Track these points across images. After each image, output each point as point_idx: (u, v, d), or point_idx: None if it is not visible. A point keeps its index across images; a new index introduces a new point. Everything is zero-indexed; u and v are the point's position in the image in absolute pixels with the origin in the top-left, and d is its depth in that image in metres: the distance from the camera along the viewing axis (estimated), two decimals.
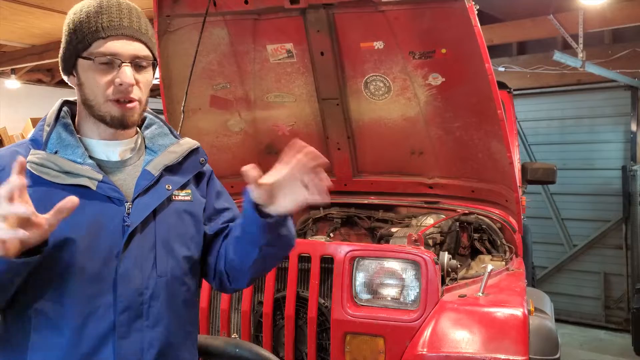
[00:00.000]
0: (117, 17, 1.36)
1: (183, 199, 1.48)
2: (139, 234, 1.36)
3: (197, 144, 1.55)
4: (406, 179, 3.48)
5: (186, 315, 1.46)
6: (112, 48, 1.34)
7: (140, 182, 1.41)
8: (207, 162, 1.59)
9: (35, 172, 1.32)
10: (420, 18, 2.75)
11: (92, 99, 1.37)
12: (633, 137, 6.84)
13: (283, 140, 3.57)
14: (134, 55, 1.37)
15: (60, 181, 1.33)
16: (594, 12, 5.43)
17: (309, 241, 2.95)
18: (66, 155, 1.36)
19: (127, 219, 1.35)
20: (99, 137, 1.43)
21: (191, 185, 1.53)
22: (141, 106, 1.42)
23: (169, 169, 1.46)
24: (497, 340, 2.15)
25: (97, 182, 1.35)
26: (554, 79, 6.84)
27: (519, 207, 2.97)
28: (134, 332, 1.33)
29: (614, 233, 7.07)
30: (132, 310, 1.33)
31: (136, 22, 1.39)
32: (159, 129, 1.55)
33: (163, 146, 1.50)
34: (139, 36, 1.39)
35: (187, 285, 1.47)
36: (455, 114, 3.02)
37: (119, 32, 1.35)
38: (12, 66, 7.71)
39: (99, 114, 1.38)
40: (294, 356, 2.51)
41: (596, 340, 6.66)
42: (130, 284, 1.33)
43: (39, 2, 5.14)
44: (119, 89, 1.34)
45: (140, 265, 1.36)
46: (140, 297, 1.34)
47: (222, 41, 3.17)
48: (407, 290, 2.43)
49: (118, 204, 1.36)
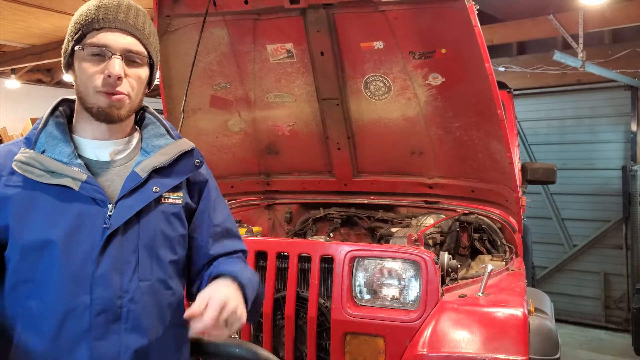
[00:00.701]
0: (114, 12, 1.38)
1: (174, 201, 1.46)
2: (119, 237, 1.35)
3: (191, 146, 1.53)
4: (406, 179, 3.48)
5: (172, 319, 1.44)
6: (103, 39, 1.36)
7: (126, 184, 1.39)
8: (205, 164, 1.57)
9: (20, 171, 1.33)
10: (420, 18, 2.75)
11: (82, 89, 1.38)
12: (633, 137, 6.84)
13: (283, 140, 3.57)
14: (126, 49, 1.37)
15: (44, 180, 1.33)
16: (594, 12, 5.43)
17: (309, 241, 2.95)
18: (53, 154, 1.36)
19: (107, 221, 1.34)
20: (92, 137, 1.43)
21: (184, 188, 1.51)
22: (131, 102, 1.41)
23: (159, 171, 1.44)
24: (497, 340, 2.15)
25: (80, 182, 1.34)
26: (554, 79, 6.84)
27: (519, 207, 2.97)
28: (111, 334, 1.32)
29: (614, 233, 7.08)
30: (108, 313, 1.31)
31: (133, 18, 1.40)
32: (155, 130, 1.53)
33: (157, 147, 1.48)
34: (134, 31, 1.39)
35: (173, 290, 1.45)
36: (455, 114, 3.02)
37: (112, 24, 1.37)
38: (12, 66, 7.72)
39: (87, 105, 1.39)
40: (294, 356, 2.51)
41: (596, 340, 6.66)
42: (108, 286, 1.32)
43: (39, 2, 5.14)
44: (107, 81, 1.35)
45: (120, 268, 1.34)
46: (119, 300, 1.33)
47: (222, 41, 3.17)
48: (407, 291, 2.43)
49: (101, 205, 1.35)
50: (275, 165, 3.71)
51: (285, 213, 3.97)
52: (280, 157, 3.66)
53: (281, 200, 3.92)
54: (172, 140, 1.52)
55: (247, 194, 3.85)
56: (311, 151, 3.54)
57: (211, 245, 1.55)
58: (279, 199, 3.91)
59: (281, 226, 4.00)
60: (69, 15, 5.47)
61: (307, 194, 3.78)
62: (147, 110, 1.57)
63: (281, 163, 3.69)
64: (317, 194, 3.74)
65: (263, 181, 3.80)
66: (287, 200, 3.91)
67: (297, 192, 3.81)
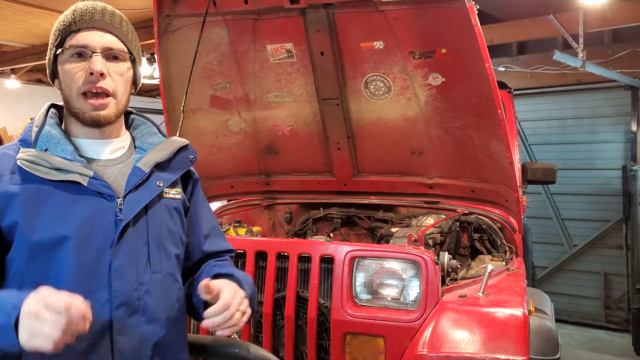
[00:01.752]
0: (89, 13, 1.41)
1: (173, 196, 1.50)
2: (131, 229, 1.37)
3: (185, 142, 1.57)
4: (406, 179, 3.47)
5: (178, 313, 1.47)
6: (82, 39, 1.39)
7: (131, 179, 1.41)
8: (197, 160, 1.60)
9: (27, 168, 1.33)
10: (420, 18, 2.74)
11: (67, 93, 1.40)
12: (633, 137, 6.84)
13: (283, 140, 3.57)
14: (105, 46, 1.40)
15: (51, 177, 1.33)
16: (594, 12, 5.43)
17: (309, 241, 2.95)
18: (56, 152, 1.37)
19: (119, 214, 1.35)
20: (87, 137, 1.45)
21: (179, 184, 1.55)
22: (116, 101, 1.42)
23: (160, 166, 1.47)
24: (497, 341, 2.15)
25: (88, 178, 1.35)
26: (554, 79, 6.84)
27: (519, 207, 2.97)
28: (131, 327, 1.33)
29: (614, 233, 7.08)
30: (128, 306, 1.33)
31: (109, 18, 1.43)
32: (148, 128, 1.57)
33: (152, 144, 1.52)
34: (111, 29, 1.42)
35: (179, 283, 1.49)
36: (455, 114, 3.02)
37: (89, 24, 1.40)
38: (12, 66, 7.71)
39: (74, 110, 1.41)
40: (294, 356, 2.51)
41: (596, 340, 6.66)
42: (125, 279, 1.33)
43: (39, 2, 5.14)
44: (89, 79, 1.36)
45: (134, 260, 1.36)
46: (136, 293, 1.35)
47: (222, 41, 3.17)
48: (407, 291, 2.43)
49: (109, 199, 1.36)
50: (275, 165, 3.71)
51: (285, 213, 3.97)
52: (280, 157, 3.65)
53: (281, 200, 3.91)
54: (164, 138, 1.55)
55: (247, 194, 3.85)
56: (311, 151, 3.54)
57: (204, 242, 1.60)
58: (279, 199, 3.91)
59: (281, 226, 4.00)
60: None
61: (307, 194, 3.78)
62: (135, 114, 1.61)
63: (281, 163, 3.69)
64: (317, 194, 3.73)
65: (263, 181, 3.80)
66: (287, 200, 3.91)
67: (297, 192, 3.80)
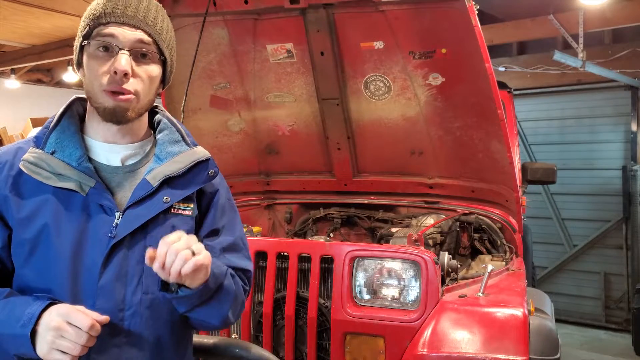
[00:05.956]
0: (123, 6, 1.31)
1: (184, 212, 1.38)
2: (125, 247, 1.29)
3: (207, 155, 1.44)
4: (406, 179, 3.48)
5: (174, 335, 1.38)
6: (110, 34, 1.29)
7: (136, 192, 1.33)
8: (219, 174, 1.47)
9: (27, 171, 1.28)
10: (420, 18, 2.75)
11: (90, 89, 1.32)
12: (633, 137, 6.84)
13: (283, 140, 3.57)
14: (134, 44, 1.30)
15: (51, 183, 1.28)
16: (594, 12, 5.43)
17: (309, 241, 2.95)
18: (63, 156, 1.31)
19: (113, 230, 1.28)
20: (103, 139, 1.37)
21: (194, 199, 1.42)
22: (139, 101, 1.33)
23: (171, 180, 1.36)
24: (497, 340, 2.15)
25: (88, 187, 1.29)
26: (554, 79, 6.85)
27: (519, 207, 2.97)
28: (112, 347, 1.27)
29: (614, 233, 7.08)
30: (110, 326, 1.25)
31: (143, 13, 1.33)
32: (170, 135, 1.44)
33: (170, 154, 1.40)
34: (143, 26, 1.32)
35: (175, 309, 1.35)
36: (455, 114, 3.02)
37: (120, 19, 1.30)
38: (12, 66, 7.72)
39: (95, 105, 1.32)
40: (294, 356, 2.51)
41: (596, 340, 6.66)
42: (111, 298, 1.27)
43: (39, 2, 5.15)
44: (113, 78, 1.28)
45: (124, 280, 1.29)
46: (121, 313, 1.28)
47: (222, 41, 3.17)
48: (407, 291, 2.43)
49: (109, 212, 1.29)
50: (275, 165, 3.71)
51: (285, 213, 3.97)
52: (280, 157, 3.66)
53: (281, 200, 3.92)
54: (187, 148, 1.43)
55: (247, 194, 3.85)
56: (311, 151, 3.54)
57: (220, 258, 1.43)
58: (279, 199, 3.91)
59: (281, 226, 4.00)
60: (69, 15, 5.51)
61: (307, 194, 3.78)
62: (163, 114, 1.49)
63: (281, 163, 3.69)
64: (317, 194, 3.74)
65: (263, 181, 3.81)
66: (287, 200, 3.91)
67: (297, 192, 3.81)
